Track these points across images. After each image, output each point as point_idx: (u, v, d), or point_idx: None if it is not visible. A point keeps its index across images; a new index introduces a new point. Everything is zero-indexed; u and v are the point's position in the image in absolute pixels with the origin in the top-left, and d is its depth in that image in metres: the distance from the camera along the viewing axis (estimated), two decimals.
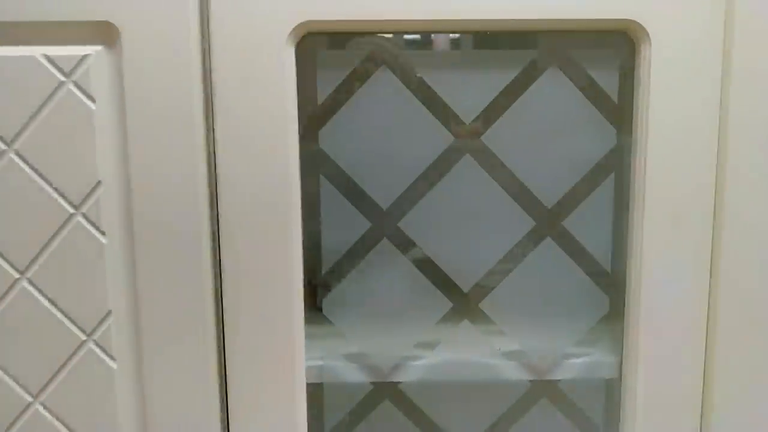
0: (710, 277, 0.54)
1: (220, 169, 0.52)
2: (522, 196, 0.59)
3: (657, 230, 0.53)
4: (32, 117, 0.52)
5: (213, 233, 0.54)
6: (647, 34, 0.51)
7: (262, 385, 0.55)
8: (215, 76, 0.51)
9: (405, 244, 0.59)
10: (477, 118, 0.57)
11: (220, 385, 0.56)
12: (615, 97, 0.57)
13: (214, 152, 0.52)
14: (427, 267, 0.60)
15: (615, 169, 0.58)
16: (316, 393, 0.59)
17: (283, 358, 0.55)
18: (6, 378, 0.56)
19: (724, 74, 0.51)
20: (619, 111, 0.57)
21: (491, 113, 0.57)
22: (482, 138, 0.57)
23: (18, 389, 0.56)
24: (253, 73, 0.51)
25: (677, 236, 0.53)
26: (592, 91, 0.57)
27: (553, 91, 0.56)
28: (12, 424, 0.58)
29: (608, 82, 0.56)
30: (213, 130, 0.52)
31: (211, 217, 0.53)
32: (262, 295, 0.54)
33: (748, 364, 0.55)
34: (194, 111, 0.52)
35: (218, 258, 0.53)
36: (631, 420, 0.56)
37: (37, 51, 0.51)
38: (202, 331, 0.55)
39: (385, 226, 0.59)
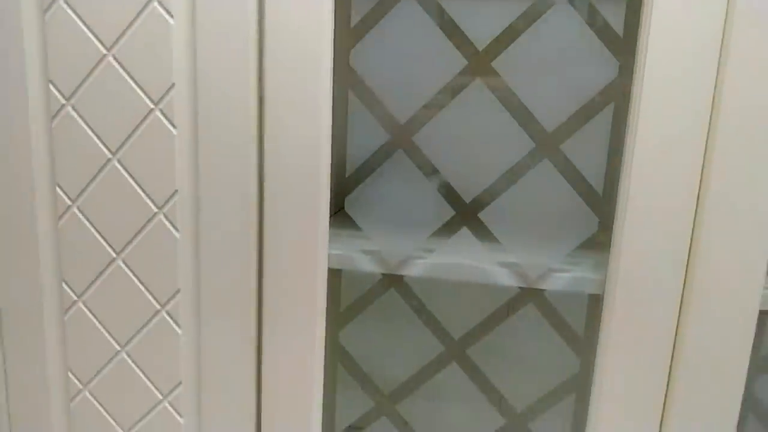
0: (696, 203, 0.58)
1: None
2: (525, 119, 0.65)
3: (648, 156, 0.58)
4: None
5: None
6: None
7: (293, 269, 0.65)
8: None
9: (418, 156, 0.67)
10: (489, 45, 0.63)
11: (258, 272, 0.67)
12: (621, 32, 0.62)
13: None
14: (435, 178, 0.69)
15: (615, 99, 0.63)
16: (334, 278, 0.68)
17: (310, 246, 0.64)
18: (101, 327, 0.71)
19: (728, 10, 0.55)
20: (623, 44, 0.62)
21: (502, 41, 0.63)
22: (492, 64, 0.63)
23: (109, 338, 0.71)
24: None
25: (668, 163, 0.58)
26: (599, 25, 0.62)
27: (561, 23, 0.61)
28: (99, 371, 0.72)
29: (615, 17, 0.61)
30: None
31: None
32: (296, 195, 0.63)
33: (726, 288, 0.59)
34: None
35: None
36: (609, 334, 0.62)
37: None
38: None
39: (401, 139, 0.67)
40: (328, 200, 0.64)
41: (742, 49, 0.55)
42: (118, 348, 0.73)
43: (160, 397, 0.73)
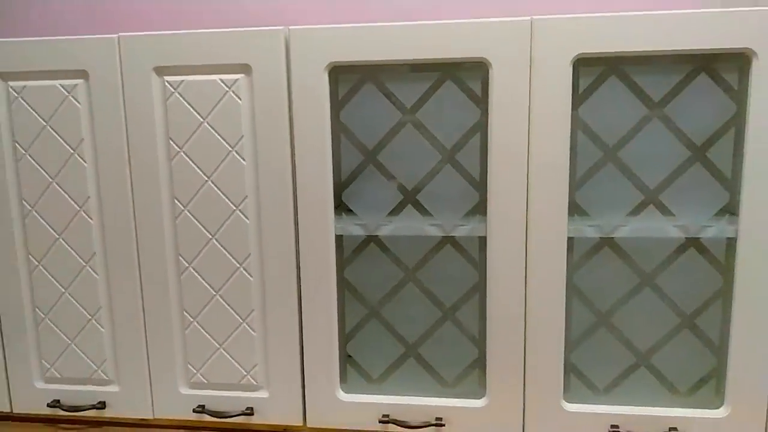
0: None
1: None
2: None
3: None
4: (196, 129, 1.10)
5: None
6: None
7: (315, 236, 1.12)
8: (293, 94, 1.07)
9: (382, 169, 1.13)
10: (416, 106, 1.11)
11: None
12: None
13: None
14: (392, 179, 1.15)
15: None
16: (338, 240, 1.14)
17: (325, 220, 1.11)
18: (203, 281, 1.16)
19: None
20: None
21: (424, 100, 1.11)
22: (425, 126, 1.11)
23: (208, 287, 1.16)
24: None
25: None
26: None
27: None
28: (203, 308, 1.16)
29: None
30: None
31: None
32: (314, 195, 1.10)
33: None
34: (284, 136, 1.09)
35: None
36: None
37: (216, 78, 1.09)
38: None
39: (371, 160, 1.14)
40: (332, 197, 1.11)
41: None
42: (213, 293, 1.19)
43: (241, 320, 1.18)
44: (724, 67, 1.09)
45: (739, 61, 1.08)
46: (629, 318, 1.20)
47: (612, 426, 1.16)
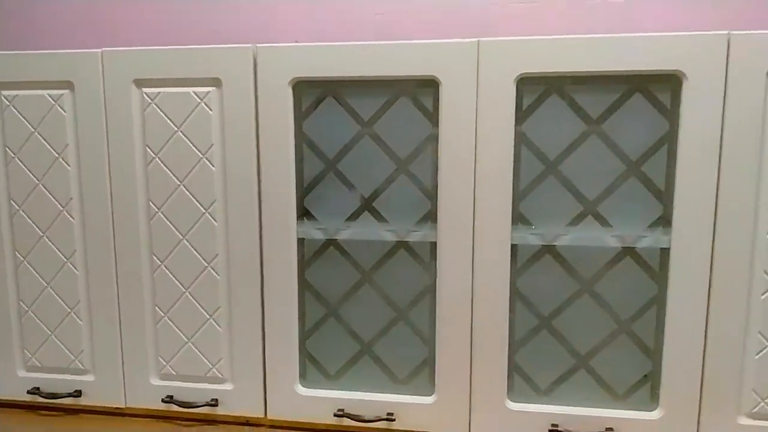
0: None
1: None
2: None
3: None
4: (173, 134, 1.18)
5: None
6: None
7: (278, 238, 1.18)
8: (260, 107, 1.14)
9: (341, 177, 1.21)
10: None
11: None
12: None
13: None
14: (351, 187, 1.23)
15: None
16: (300, 244, 1.21)
17: (288, 224, 1.18)
18: (173, 277, 1.23)
19: None
20: None
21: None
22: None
23: (178, 284, 1.23)
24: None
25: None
26: None
27: None
28: (174, 304, 1.23)
29: None
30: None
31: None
32: (279, 200, 1.17)
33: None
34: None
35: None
36: None
37: (190, 90, 1.17)
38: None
39: (331, 168, 1.21)
40: (295, 203, 1.18)
41: None
42: (183, 290, 1.26)
43: (208, 316, 1.25)
44: (657, 87, 1.16)
45: (671, 82, 1.14)
46: (570, 322, 1.25)
47: (552, 425, 1.21)
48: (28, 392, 1.37)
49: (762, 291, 1.12)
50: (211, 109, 1.22)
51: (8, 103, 1.30)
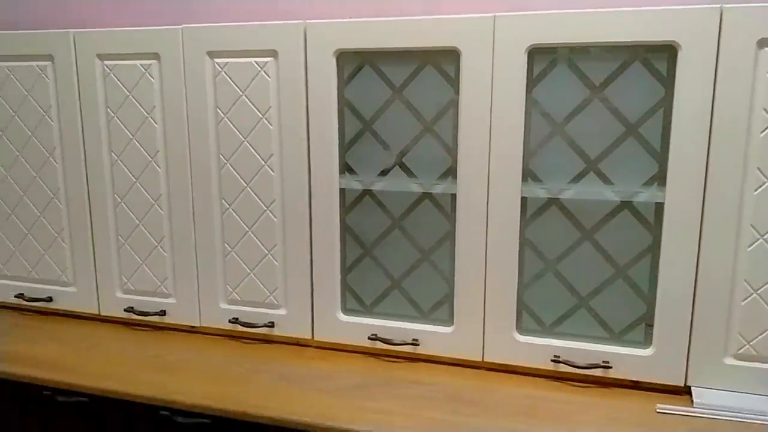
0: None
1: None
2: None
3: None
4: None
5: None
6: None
7: (323, 193, 1.37)
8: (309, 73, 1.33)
9: (377, 137, 1.37)
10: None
11: None
12: None
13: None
14: (386, 147, 1.39)
15: None
16: (341, 194, 1.39)
17: (333, 178, 1.36)
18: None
19: None
20: None
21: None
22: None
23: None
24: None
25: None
26: None
27: None
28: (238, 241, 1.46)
29: None
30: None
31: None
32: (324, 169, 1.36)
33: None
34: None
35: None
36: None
37: (252, 60, 1.37)
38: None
39: (368, 128, 1.38)
40: (338, 158, 1.38)
41: None
42: (247, 229, 1.50)
43: (266, 252, 1.47)
44: (654, 57, 1.26)
45: (667, 51, 1.24)
46: (572, 267, 1.39)
47: (555, 356, 1.37)
48: (125, 310, 1.68)
49: (748, 243, 1.23)
50: (269, 77, 1.44)
51: (109, 71, 1.57)
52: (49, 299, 1.75)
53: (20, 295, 1.78)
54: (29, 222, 1.74)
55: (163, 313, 1.66)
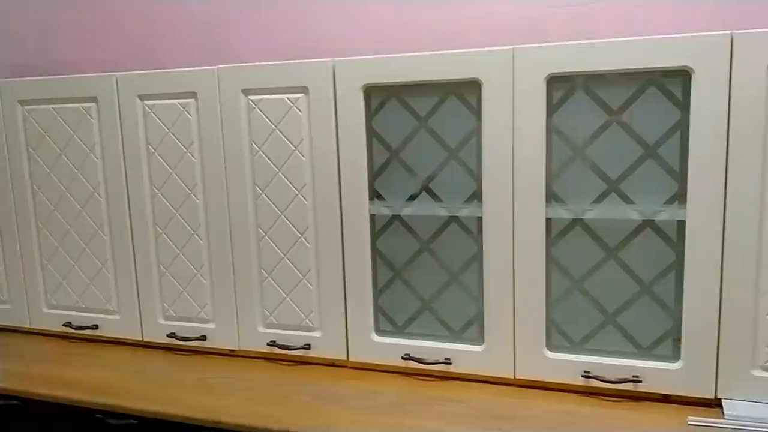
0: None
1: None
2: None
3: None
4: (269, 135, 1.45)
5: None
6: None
7: (355, 218, 1.43)
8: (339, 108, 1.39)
9: (404, 166, 1.43)
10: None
11: None
12: None
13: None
14: (413, 176, 1.44)
15: None
16: (371, 220, 1.45)
17: (362, 205, 1.42)
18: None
19: None
20: None
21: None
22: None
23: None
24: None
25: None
26: None
27: None
28: (274, 266, 1.52)
29: None
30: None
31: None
32: (354, 193, 1.42)
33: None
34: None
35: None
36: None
37: (284, 96, 1.44)
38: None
39: (395, 158, 1.44)
40: (367, 185, 1.44)
41: None
42: (282, 255, 1.56)
43: (301, 277, 1.52)
44: (669, 81, 1.31)
45: (681, 76, 1.28)
46: (598, 284, 1.43)
47: (585, 371, 1.39)
48: (167, 336, 1.74)
49: None
50: (300, 111, 1.51)
51: (149, 110, 1.65)
52: (95, 327, 1.84)
53: (68, 324, 1.87)
54: (75, 254, 1.83)
55: (203, 337, 1.72)
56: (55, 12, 2.12)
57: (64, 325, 1.87)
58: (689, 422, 1.29)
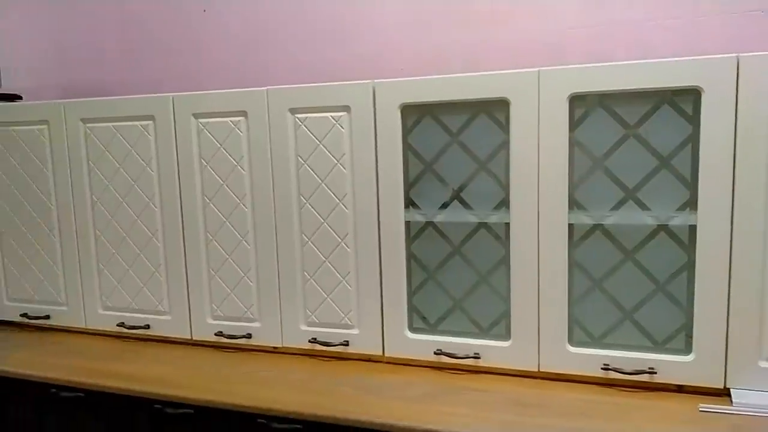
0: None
1: None
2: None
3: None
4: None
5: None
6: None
7: (391, 223, 1.54)
8: (379, 129, 1.51)
9: (436, 177, 1.54)
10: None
11: None
12: None
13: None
14: (445, 186, 1.55)
15: None
16: (406, 226, 1.56)
17: (398, 213, 1.53)
18: (320, 253, 1.63)
19: None
20: None
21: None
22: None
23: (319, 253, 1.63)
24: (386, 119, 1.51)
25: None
26: None
27: None
28: (317, 269, 1.63)
29: None
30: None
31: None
32: (391, 200, 1.53)
33: None
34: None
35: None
36: None
37: (328, 115, 1.57)
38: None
39: (429, 169, 1.55)
40: (403, 195, 1.55)
41: None
42: (324, 259, 1.68)
43: (341, 279, 1.63)
44: (681, 99, 1.43)
45: (692, 94, 1.40)
46: (616, 284, 1.54)
47: (604, 364, 1.49)
48: (215, 334, 1.86)
49: None
50: (342, 128, 1.63)
51: (203, 127, 1.78)
52: (147, 327, 1.96)
53: (121, 324, 1.99)
54: (130, 259, 1.96)
55: (249, 336, 1.83)
56: (103, 35, 2.28)
57: (117, 325, 1.99)
58: (700, 409, 1.39)
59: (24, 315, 2.13)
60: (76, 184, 1.98)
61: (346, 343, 1.73)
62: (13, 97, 2.27)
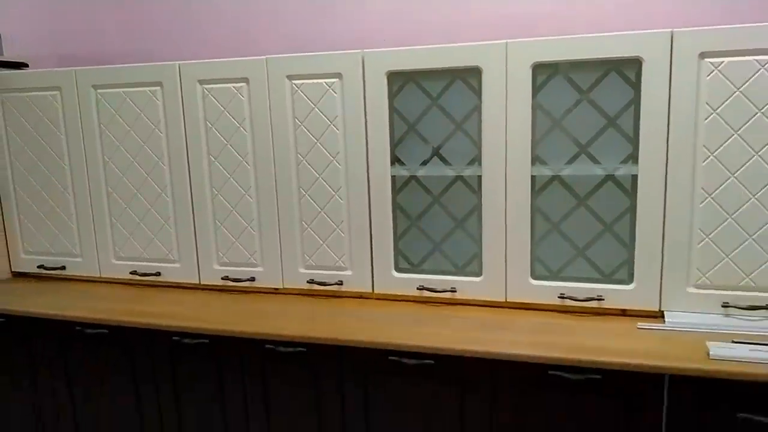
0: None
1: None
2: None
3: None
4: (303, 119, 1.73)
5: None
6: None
7: (379, 179, 1.72)
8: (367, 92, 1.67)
9: (419, 136, 1.72)
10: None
11: None
12: None
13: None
14: (427, 144, 1.74)
15: None
16: (392, 181, 1.74)
17: (385, 167, 1.71)
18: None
19: None
20: None
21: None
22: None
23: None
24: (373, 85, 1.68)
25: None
26: None
27: None
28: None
29: None
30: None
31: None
32: (379, 159, 1.70)
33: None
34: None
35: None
36: None
37: (322, 81, 1.73)
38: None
39: (413, 129, 1.73)
40: (389, 152, 1.73)
41: None
42: (319, 209, 1.82)
43: (335, 227, 1.81)
44: (626, 67, 1.65)
45: (635, 63, 1.61)
46: (571, 226, 1.78)
47: (560, 294, 1.73)
48: (221, 278, 2.05)
49: (700, 201, 1.60)
50: (335, 93, 1.81)
51: (207, 92, 1.92)
52: (158, 274, 2.13)
53: (134, 272, 2.16)
54: (141, 213, 2.12)
55: (252, 279, 2.02)
56: (101, 7, 2.37)
57: (130, 273, 2.16)
58: (638, 327, 1.64)
59: (41, 266, 2.28)
60: (89, 145, 2.12)
61: (340, 283, 1.93)
62: (19, 65, 2.36)
